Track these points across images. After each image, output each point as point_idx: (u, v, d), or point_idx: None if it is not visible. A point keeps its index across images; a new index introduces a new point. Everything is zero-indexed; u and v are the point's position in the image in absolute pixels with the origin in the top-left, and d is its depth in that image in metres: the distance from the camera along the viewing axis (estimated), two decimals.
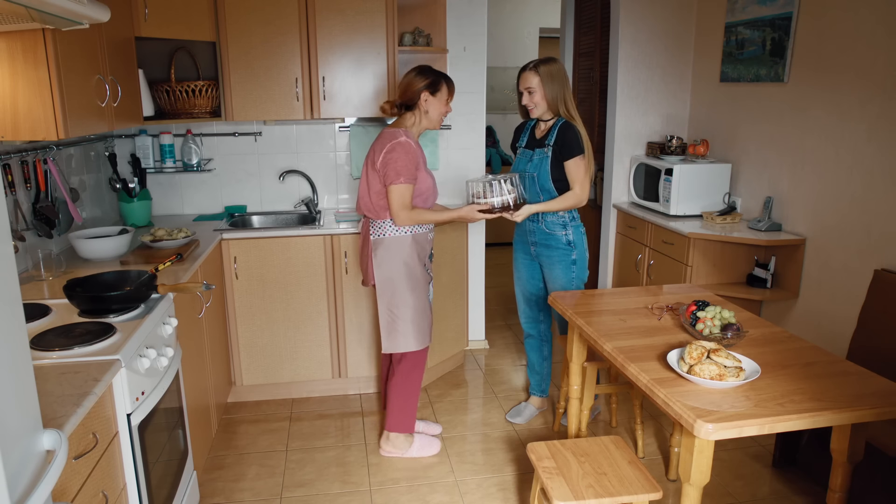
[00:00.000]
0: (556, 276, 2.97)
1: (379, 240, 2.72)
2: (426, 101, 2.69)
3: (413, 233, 2.72)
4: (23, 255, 2.48)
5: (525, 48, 7.19)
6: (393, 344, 2.78)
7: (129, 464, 1.81)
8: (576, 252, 2.92)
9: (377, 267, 2.74)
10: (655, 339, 2.14)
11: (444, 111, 2.74)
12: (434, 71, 2.71)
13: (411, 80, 2.69)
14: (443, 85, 2.70)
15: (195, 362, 2.69)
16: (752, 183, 3.62)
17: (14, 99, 2.10)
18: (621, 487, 1.96)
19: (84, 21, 2.00)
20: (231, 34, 3.25)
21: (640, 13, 4.05)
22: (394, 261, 2.71)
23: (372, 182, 2.68)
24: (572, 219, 2.93)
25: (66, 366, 1.68)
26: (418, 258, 2.74)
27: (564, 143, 2.82)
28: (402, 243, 2.71)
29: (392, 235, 2.71)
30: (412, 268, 2.73)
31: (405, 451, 2.92)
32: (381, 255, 2.72)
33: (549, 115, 2.91)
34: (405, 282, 2.72)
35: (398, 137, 2.62)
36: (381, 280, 2.74)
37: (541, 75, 2.85)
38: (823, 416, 1.69)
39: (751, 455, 2.92)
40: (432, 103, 2.70)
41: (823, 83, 3.09)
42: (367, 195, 2.71)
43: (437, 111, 2.72)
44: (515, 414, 3.28)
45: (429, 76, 2.69)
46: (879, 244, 2.80)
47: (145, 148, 3.55)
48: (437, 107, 2.71)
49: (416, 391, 2.87)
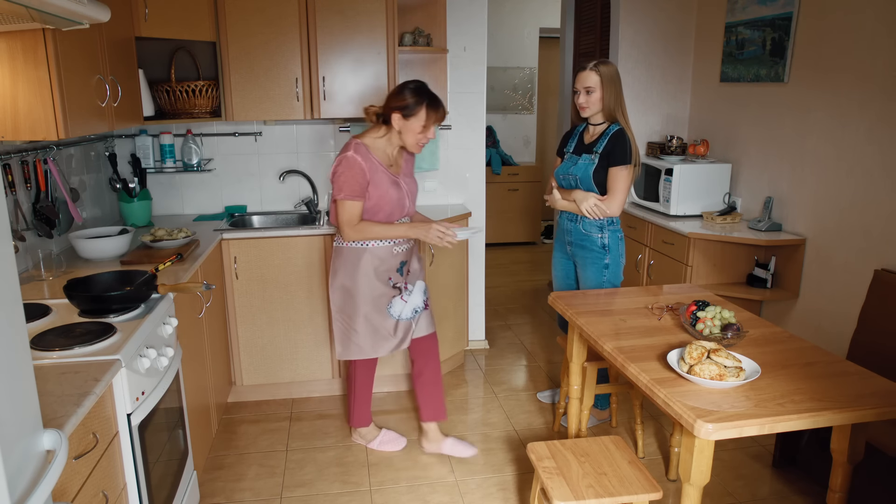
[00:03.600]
0: (587, 276, 2.94)
1: (337, 248, 2.70)
2: (398, 121, 2.53)
3: (370, 246, 2.64)
4: (23, 255, 2.48)
5: (525, 48, 7.19)
6: (346, 351, 2.77)
7: (130, 464, 1.81)
8: (609, 256, 2.87)
9: (332, 274, 2.73)
10: (655, 339, 2.14)
11: (419, 138, 2.55)
12: (420, 94, 2.51)
13: (393, 94, 2.56)
14: (420, 111, 2.49)
15: (195, 362, 2.69)
16: (752, 183, 3.62)
17: (14, 99, 2.10)
18: (621, 487, 1.96)
19: (84, 21, 2.00)
20: (231, 34, 3.25)
21: (640, 13, 4.05)
22: (347, 271, 2.66)
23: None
24: (610, 223, 2.86)
25: (67, 366, 1.68)
26: (374, 272, 2.65)
27: (614, 149, 2.75)
28: (357, 255, 2.64)
29: (348, 246, 2.66)
30: (367, 281, 2.65)
31: (368, 442, 3.03)
32: (337, 264, 2.70)
33: (600, 118, 2.83)
34: (358, 293, 2.66)
35: (347, 151, 2.54)
36: (334, 287, 2.72)
37: (601, 76, 2.75)
38: (823, 416, 1.69)
39: (751, 455, 2.92)
40: (405, 127, 2.53)
41: (823, 83, 3.09)
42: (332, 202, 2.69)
43: (410, 136, 2.55)
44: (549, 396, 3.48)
45: (407, 98, 2.50)
46: (879, 244, 2.80)
47: (145, 148, 3.55)
48: (411, 132, 2.53)
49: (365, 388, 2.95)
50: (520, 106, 7.36)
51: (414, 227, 2.63)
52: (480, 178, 4.03)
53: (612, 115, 2.81)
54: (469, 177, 4.01)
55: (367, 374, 2.94)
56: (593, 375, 2.63)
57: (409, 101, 2.49)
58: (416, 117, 2.50)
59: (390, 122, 2.55)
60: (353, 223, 2.56)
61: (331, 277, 2.74)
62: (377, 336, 2.73)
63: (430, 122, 2.52)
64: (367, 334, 2.72)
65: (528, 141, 7.51)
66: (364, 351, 2.75)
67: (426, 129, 2.53)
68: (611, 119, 2.82)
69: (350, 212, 2.55)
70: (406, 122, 2.51)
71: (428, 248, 3.43)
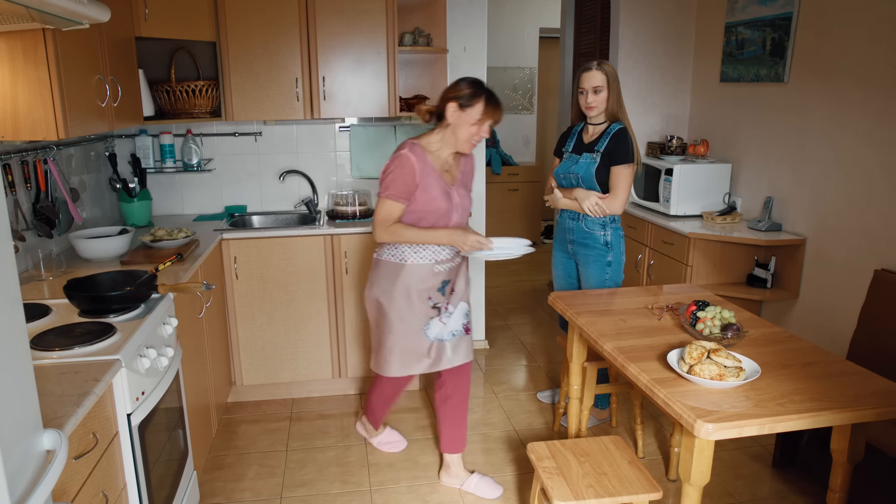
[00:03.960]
0: (589, 274, 2.93)
1: (376, 260, 2.58)
2: (452, 113, 2.37)
3: (409, 262, 2.48)
4: (23, 255, 2.48)
5: (525, 48, 7.19)
6: (376, 363, 2.64)
7: (130, 464, 1.81)
8: (612, 254, 2.87)
9: (369, 285, 2.60)
10: (655, 339, 2.14)
11: (472, 133, 2.38)
12: (479, 86, 2.37)
13: (449, 86, 2.42)
14: (478, 103, 2.34)
15: (195, 362, 2.69)
16: (752, 183, 3.62)
17: (14, 99, 2.10)
18: (621, 487, 1.96)
19: (84, 21, 2.00)
20: (231, 34, 3.25)
21: (640, 13, 4.05)
22: (383, 287, 2.52)
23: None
24: (612, 221, 2.87)
25: (67, 366, 1.68)
26: (412, 291, 2.49)
27: (617, 148, 2.76)
28: (394, 271, 2.49)
29: (386, 259, 2.52)
30: (403, 300, 2.49)
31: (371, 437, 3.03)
32: (374, 277, 2.57)
33: (602, 117, 2.84)
34: (391, 311, 2.51)
35: (402, 149, 2.41)
36: (369, 298, 2.60)
37: (607, 75, 2.76)
38: (823, 416, 1.69)
39: (751, 455, 2.92)
40: (459, 119, 2.37)
41: (823, 83, 3.09)
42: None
43: (464, 130, 2.38)
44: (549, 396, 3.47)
45: (465, 88, 2.36)
46: (879, 244, 2.80)
47: (145, 148, 3.55)
48: (465, 125, 2.37)
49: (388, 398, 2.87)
50: (520, 106, 7.36)
51: (450, 233, 2.43)
52: (480, 178, 4.03)
53: (614, 114, 2.82)
54: None
55: (396, 387, 2.79)
56: (593, 375, 2.63)
57: (466, 92, 2.36)
58: (473, 109, 2.35)
59: (444, 118, 2.41)
60: (386, 223, 2.41)
61: (367, 287, 2.60)
62: (409, 356, 2.55)
63: (485, 117, 2.36)
64: (398, 353, 2.54)
65: (528, 141, 7.51)
66: (392, 369, 2.57)
67: (480, 124, 2.37)
68: (612, 118, 2.82)
69: (389, 211, 2.40)
70: (461, 114, 2.36)
71: None
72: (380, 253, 2.57)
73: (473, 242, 2.41)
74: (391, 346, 2.54)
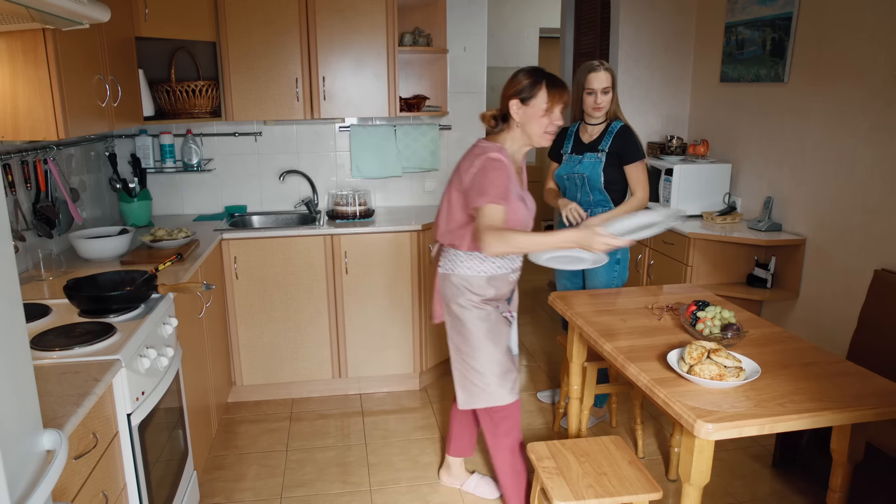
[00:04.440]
0: (598, 274, 2.93)
1: (446, 274, 2.30)
2: (517, 110, 2.16)
3: (489, 274, 2.26)
4: (23, 255, 2.48)
5: (525, 48, 7.19)
6: (470, 398, 2.31)
7: (130, 464, 1.81)
8: (620, 252, 2.89)
9: (445, 306, 2.32)
10: (655, 339, 2.14)
11: (544, 124, 2.16)
12: (536, 73, 2.16)
13: (507, 83, 2.20)
14: (540, 91, 2.13)
15: (195, 362, 2.69)
16: (752, 183, 3.62)
17: (14, 99, 2.10)
18: (621, 487, 1.96)
19: (84, 21, 2.00)
20: (231, 34, 3.25)
21: (640, 13, 4.05)
22: (460, 304, 2.27)
23: (454, 204, 2.23)
24: None
25: (66, 366, 1.68)
26: (490, 303, 2.29)
27: (626, 147, 2.78)
28: (473, 283, 2.25)
29: (463, 273, 2.25)
30: (483, 314, 2.27)
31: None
32: (450, 293, 2.29)
33: (602, 118, 2.85)
34: (478, 327, 2.26)
35: (489, 152, 2.14)
36: (450, 322, 2.31)
37: (612, 75, 2.78)
38: (823, 416, 1.69)
39: (751, 455, 2.92)
40: (525, 115, 2.16)
41: (823, 83, 3.09)
42: (445, 218, 2.28)
43: (535, 125, 2.16)
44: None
45: (522, 80, 2.16)
46: (879, 244, 2.80)
47: (145, 148, 3.55)
48: (533, 118, 2.15)
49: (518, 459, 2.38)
50: None
51: (578, 233, 2.06)
52: None
53: (614, 112, 2.84)
54: None
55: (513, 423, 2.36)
56: (593, 375, 2.63)
57: (524, 83, 2.15)
58: (537, 99, 2.14)
59: (509, 119, 2.21)
60: (496, 229, 2.05)
61: (445, 309, 2.34)
62: (508, 375, 2.30)
63: (553, 103, 2.14)
64: (495, 375, 2.28)
65: None
66: (495, 397, 2.28)
67: (549, 112, 2.15)
68: (612, 117, 2.83)
69: (495, 216, 2.07)
70: (526, 109, 2.15)
71: (428, 247, 3.43)
72: (449, 267, 2.29)
73: (605, 242, 2.03)
74: (484, 368, 2.27)
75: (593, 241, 2.03)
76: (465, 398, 2.34)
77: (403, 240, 3.36)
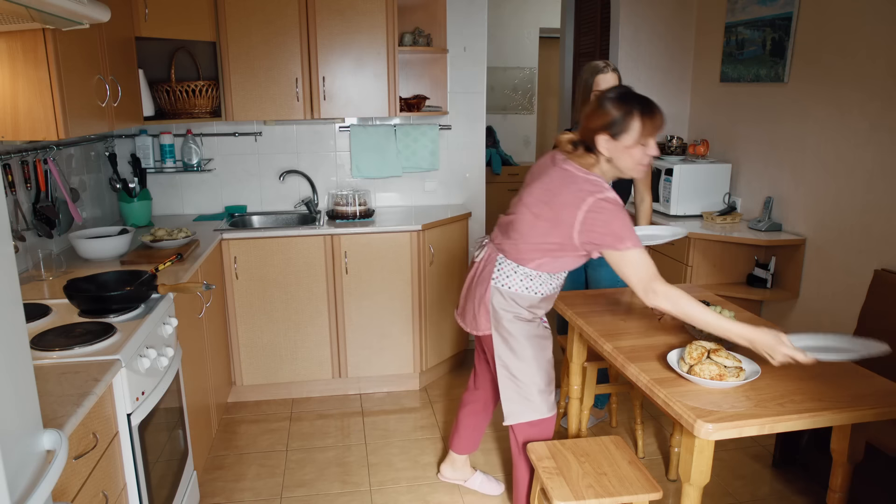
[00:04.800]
0: (602, 275, 2.92)
1: (500, 289, 2.15)
2: (606, 146, 1.96)
3: (544, 294, 2.17)
4: (23, 255, 2.48)
5: (525, 48, 7.18)
6: (519, 412, 2.23)
7: (130, 464, 1.81)
8: None
9: (494, 319, 2.18)
10: (655, 339, 2.14)
11: (637, 157, 1.95)
12: (626, 101, 1.93)
13: (591, 111, 1.98)
14: (633, 122, 1.91)
15: (195, 362, 2.69)
16: (752, 183, 3.62)
17: (14, 99, 2.10)
18: (621, 487, 1.95)
19: (84, 21, 2.00)
20: (231, 34, 3.25)
21: (640, 13, 4.05)
22: (513, 317, 2.17)
23: (537, 219, 2.05)
24: None
25: (66, 366, 1.68)
26: (540, 317, 2.24)
27: None
28: (527, 301, 2.16)
29: (518, 291, 2.14)
30: (534, 326, 2.21)
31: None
32: (500, 307, 2.16)
33: None
34: (529, 341, 2.19)
35: (600, 191, 1.94)
36: (500, 337, 2.19)
37: (619, 77, 2.75)
38: (823, 416, 1.69)
39: (751, 455, 2.92)
40: (615, 149, 1.95)
41: (823, 83, 3.09)
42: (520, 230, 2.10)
43: (626, 159, 1.96)
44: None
45: (612, 112, 1.92)
46: (879, 244, 2.80)
47: (145, 148, 3.55)
48: (625, 152, 1.95)
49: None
50: (520, 106, 7.36)
51: (763, 333, 1.80)
52: (480, 178, 4.03)
53: None
54: (469, 177, 4.01)
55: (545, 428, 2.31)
56: (593, 375, 2.63)
57: (614, 116, 1.92)
58: (629, 133, 1.92)
59: (594, 150, 2.00)
60: (658, 278, 1.91)
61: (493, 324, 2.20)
62: (549, 389, 2.26)
63: (646, 134, 1.93)
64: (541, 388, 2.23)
65: (528, 141, 7.50)
66: (540, 410, 2.23)
67: (643, 145, 1.95)
68: None
69: (648, 264, 1.92)
70: (616, 143, 1.94)
71: (428, 246, 3.43)
72: (504, 282, 2.15)
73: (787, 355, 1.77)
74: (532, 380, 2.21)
75: (776, 351, 1.78)
76: (514, 412, 2.23)
77: (403, 240, 3.36)
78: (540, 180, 2.10)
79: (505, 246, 2.15)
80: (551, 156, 2.13)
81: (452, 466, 2.72)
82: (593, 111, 1.97)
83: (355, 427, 3.22)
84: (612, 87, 2.04)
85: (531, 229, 2.06)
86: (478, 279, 2.23)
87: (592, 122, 1.97)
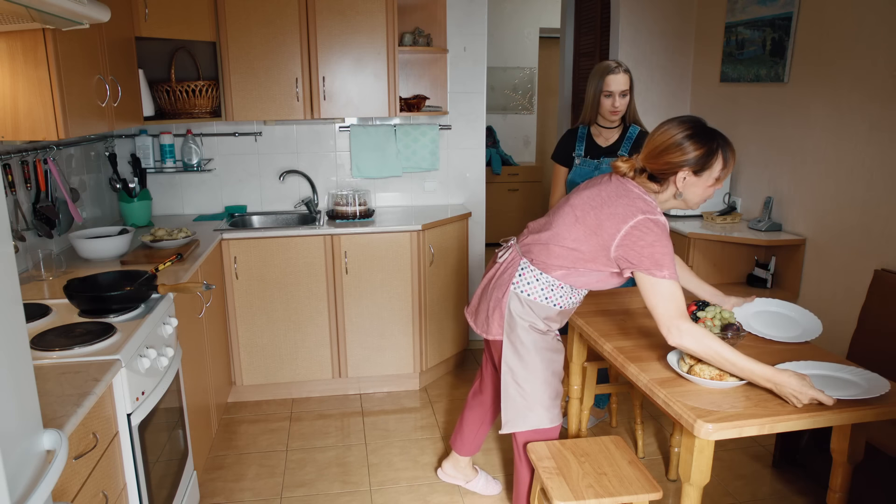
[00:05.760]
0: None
1: (519, 295, 2.10)
2: (684, 181, 1.90)
3: (563, 307, 2.14)
4: (23, 255, 2.48)
5: (525, 48, 7.19)
6: (516, 421, 2.19)
7: (130, 464, 1.81)
8: None
9: (508, 325, 2.14)
10: (655, 339, 2.14)
11: (710, 193, 1.93)
12: (711, 138, 1.87)
13: (666, 146, 1.89)
14: (716, 161, 1.86)
15: (195, 362, 2.69)
16: (752, 183, 3.62)
17: (14, 99, 2.10)
18: (621, 487, 1.95)
19: (84, 21, 2.00)
20: (231, 34, 3.25)
21: (640, 13, 4.05)
22: (528, 325, 2.12)
23: (577, 222, 2.00)
24: None
25: (67, 366, 1.68)
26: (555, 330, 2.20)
27: None
28: (544, 311, 2.11)
29: (537, 300, 2.09)
30: (549, 337, 2.17)
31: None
32: (517, 312, 2.12)
33: (618, 121, 2.81)
34: (539, 352, 2.15)
35: (653, 213, 1.89)
36: (510, 343, 2.15)
37: (630, 77, 2.73)
38: (823, 416, 1.69)
39: (751, 455, 2.92)
40: (692, 185, 1.90)
41: (823, 83, 3.09)
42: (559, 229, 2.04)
43: (697, 192, 1.92)
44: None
45: (694, 149, 1.85)
46: (879, 244, 2.80)
47: (145, 148, 3.55)
48: (700, 187, 1.90)
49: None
50: (520, 106, 7.36)
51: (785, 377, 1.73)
52: (480, 178, 4.03)
53: (635, 116, 2.83)
54: (469, 177, 4.01)
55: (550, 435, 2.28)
56: (593, 375, 2.63)
57: (697, 153, 1.86)
58: (712, 169, 1.88)
59: (661, 180, 1.94)
60: (685, 315, 1.84)
61: (506, 330, 2.15)
62: (555, 401, 2.22)
63: (728, 171, 1.91)
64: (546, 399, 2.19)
65: (528, 141, 7.51)
66: (542, 419, 2.19)
67: (720, 180, 1.92)
68: (632, 120, 2.83)
69: (680, 300, 1.86)
70: (698, 179, 1.89)
71: (428, 246, 3.43)
72: (525, 289, 2.11)
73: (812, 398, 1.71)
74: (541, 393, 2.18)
75: (803, 396, 1.71)
76: (511, 420, 2.19)
77: (403, 240, 3.36)
78: (594, 187, 2.04)
79: (533, 247, 2.10)
80: (610, 174, 2.07)
81: (456, 466, 2.72)
82: (671, 146, 1.88)
83: (355, 427, 3.22)
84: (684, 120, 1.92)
85: (568, 230, 2.01)
86: (497, 281, 2.18)
87: (671, 157, 1.88)
